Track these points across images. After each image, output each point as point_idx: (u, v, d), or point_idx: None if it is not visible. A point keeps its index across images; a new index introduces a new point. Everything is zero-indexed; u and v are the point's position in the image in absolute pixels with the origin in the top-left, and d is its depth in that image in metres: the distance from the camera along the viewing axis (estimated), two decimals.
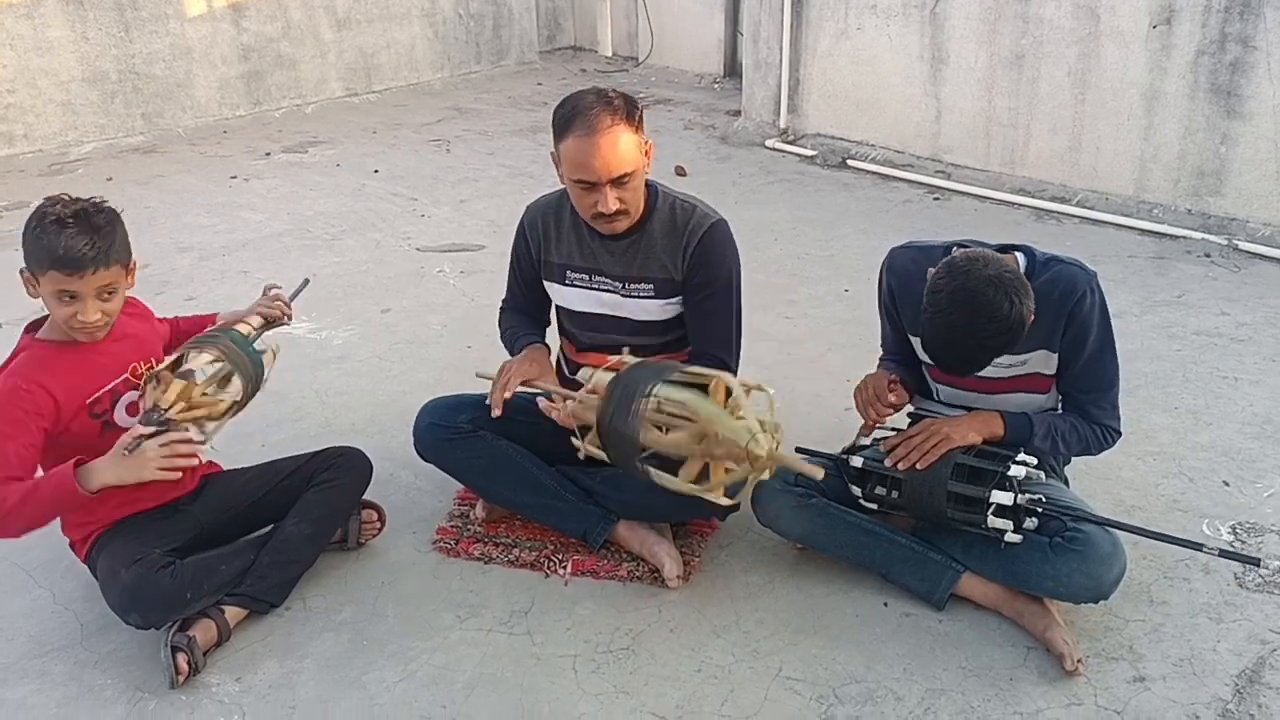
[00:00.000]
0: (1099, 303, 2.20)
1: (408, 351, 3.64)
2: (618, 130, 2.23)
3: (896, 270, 2.38)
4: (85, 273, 2.07)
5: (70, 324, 2.14)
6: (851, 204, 5.09)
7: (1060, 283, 2.18)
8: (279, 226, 4.89)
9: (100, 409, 2.23)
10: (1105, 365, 2.26)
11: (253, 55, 6.73)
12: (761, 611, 2.34)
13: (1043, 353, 2.25)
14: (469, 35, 7.78)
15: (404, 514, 2.69)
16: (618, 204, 2.27)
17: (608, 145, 2.21)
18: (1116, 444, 2.33)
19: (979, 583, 2.29)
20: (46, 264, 2.07)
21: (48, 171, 5.73)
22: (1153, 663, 2.17)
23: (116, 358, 2.27)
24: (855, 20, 5.52)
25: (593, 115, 2.22)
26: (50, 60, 5.96)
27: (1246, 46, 4.22)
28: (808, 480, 2.38)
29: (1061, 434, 2.26)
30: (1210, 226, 4.44)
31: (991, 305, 1.98)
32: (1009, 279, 2.00)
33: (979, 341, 2.03)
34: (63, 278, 2.07)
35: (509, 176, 5.59)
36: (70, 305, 2.11)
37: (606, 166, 2.22)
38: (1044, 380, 2.30)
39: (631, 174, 2.26)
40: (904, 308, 2.38)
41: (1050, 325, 2.20)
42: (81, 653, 2.27)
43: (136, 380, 2.29)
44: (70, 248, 2.06)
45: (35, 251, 2.08)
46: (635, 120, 2.27)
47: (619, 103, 2.27)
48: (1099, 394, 2.28)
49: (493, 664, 2.21)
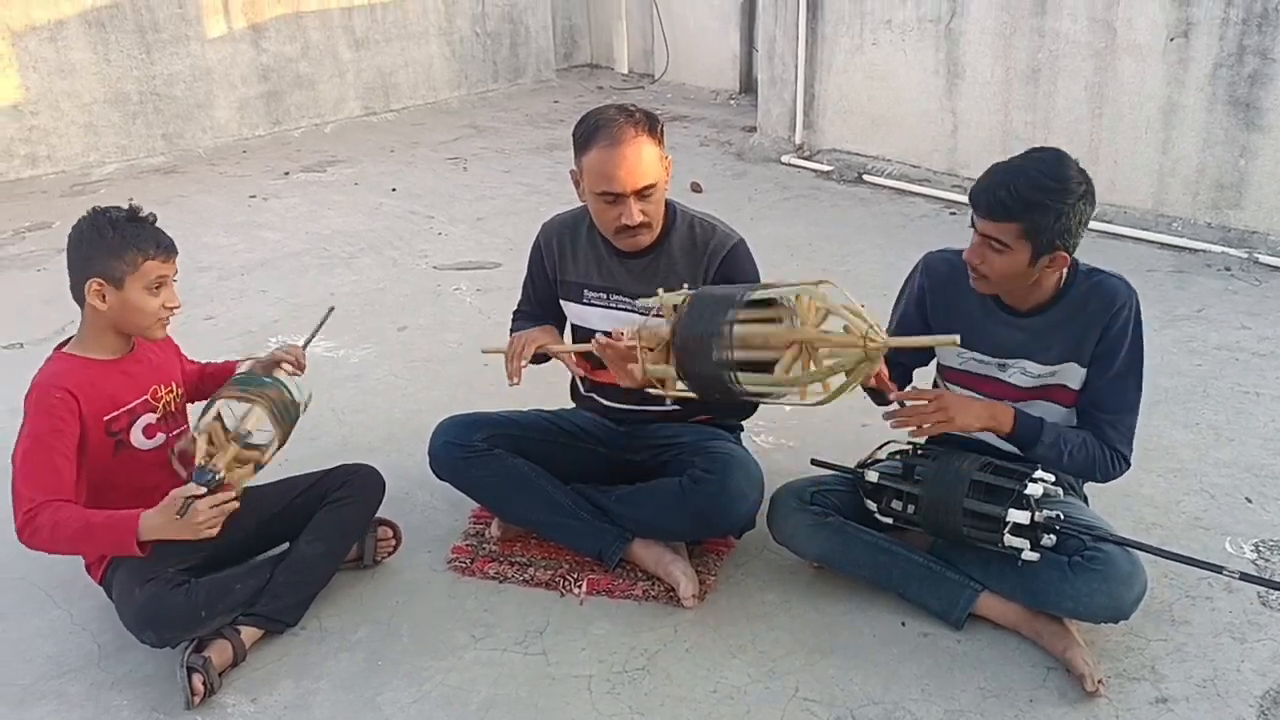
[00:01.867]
0: (1135, 319, 2.18)
1: (424, 369, 3.65)
2: (641, 141, 2.24)
3: (932, 272, 2.36)
4: (174, 256, 2.24)
5: (159, 315, 2.22)
6: (868, 219, 5.07)
7: (1100, 292, 2.17)
8: (297, 245, 4.92)
9: (117, 427, 2.25)
10: (1129, 386, 2.22)
11: (272, 75, 6.79)
12: (778, 631, 2.33)
13: (1073, 365, 2.22)
14: (486, 54, 7.83)
15: (419, 533, 2.69)
16: (642, 216, 2.28)
17: (633, 155, 2.22)
18: (1120, 476, 2.27)
19: (997, 602, 2.26)
20: (145, 255, 2.16)
21: (70, 192, 5.79)
22: (1175, 683, 2.14)
23: (137, 378, 2.30)
24: (870, 35, 5.52)
25: (616, 127, 2.24)
26: (73, 82, 6.04)
27: (1265, 59, 4.19)
28: (824, 499, 2.38)
29: (1070, 446, 2.20)
30: (1230, 240, 4.40)
31: (1067, 165, 2.06)
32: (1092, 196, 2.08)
33: (1031, 179, 2.03)
34: (160, 264, 2.19)
35: (526, 194, 5.61)
36: (159, 295, 2.21)
37: (632, 177, 2.23)
38: (1069, 394, 2.26)
39: (654, 186, 2.28)
40: (933, 311, 2.35)
41: (1082, 335, 2.18)
42: (98, 674, 2.28)
43: (155, 402, 2.31)
44: (159, 236, 2.21)
45: (122, 250, 2.15)
46: (657, 133, 2.29)
47: (640, 116, 2.29)
48: (1117, 416, 2.23)
49: (507, 684, 2.21)
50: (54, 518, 2.08)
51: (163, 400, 2.34)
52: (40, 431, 2.13)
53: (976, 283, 2.19)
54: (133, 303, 2.19)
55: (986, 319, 2.27)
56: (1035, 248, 2.07)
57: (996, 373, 2.28)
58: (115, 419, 2.24)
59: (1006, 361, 2.27)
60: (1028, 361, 2.25)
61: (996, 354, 2.28)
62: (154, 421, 2.31)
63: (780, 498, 2.42)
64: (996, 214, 2.07)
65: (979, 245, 2.14)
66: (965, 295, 2.27)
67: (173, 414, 2.37)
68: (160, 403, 2.33)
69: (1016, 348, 2.25)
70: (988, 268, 2.13)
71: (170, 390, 2.37)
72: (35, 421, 2.15)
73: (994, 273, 2.13)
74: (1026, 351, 2.25)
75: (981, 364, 2.30)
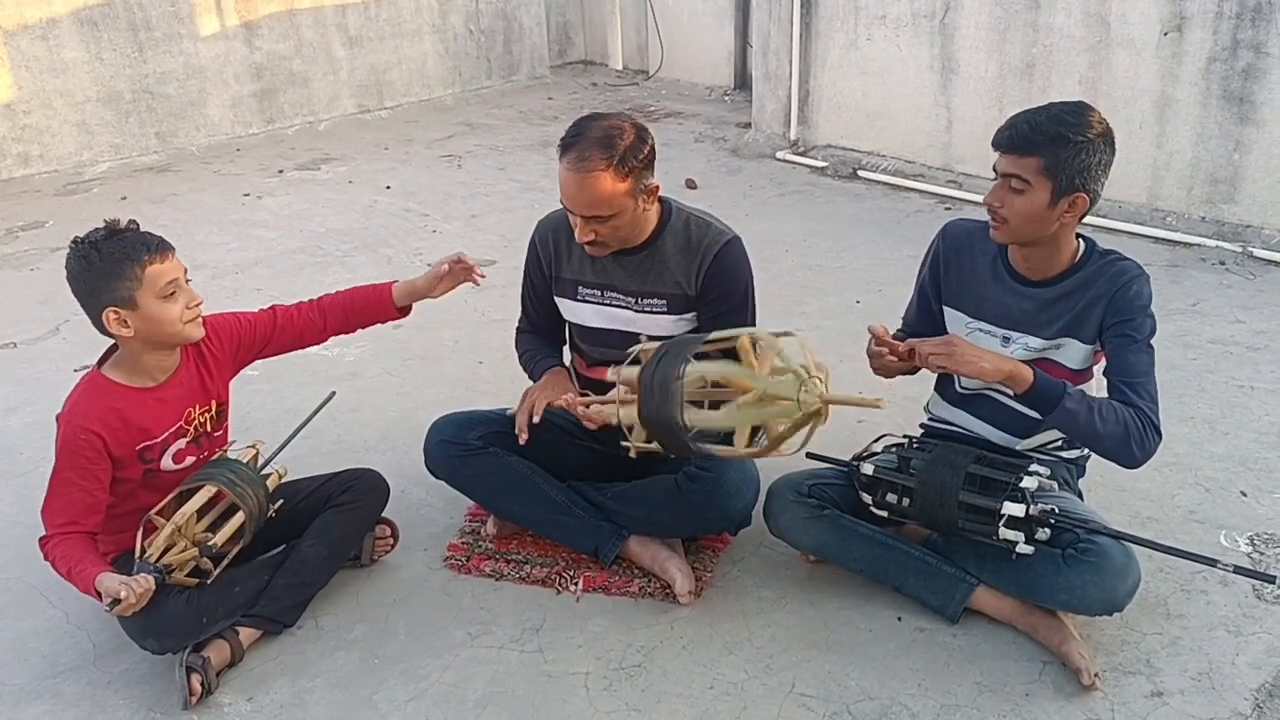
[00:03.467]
0: (1145, 294, 2.14)
1: (419, 368, 3.65)
2: (599, 175, 2.21)
3: (949, 237, 2.36)
4: (170, 253, 2.14)
5: (185, 317, 2.16)
6: (863, 215, 5.08)
7: (1110, 270, 2.15)
8: (292, 244, 4.91)
9: (150, 456, 2.23)
10: (1143, 353, 2.14)
11: (265, 73, 6.77)
12: (774, 627, 2.33)
13: (1072, 342, 2.19)
14: (480, 51, 7.81)
15: (415, 531, 2.69)
16: (591, 235, 2.29)
17: (588, 187, 2.22)
18: (1154, 451, 2.11)
19: (993, 596, 2.27)
20: (140, 264, 2.08)
21: (63, 191, 5.77)
22: (1170, 677, 2.15)
23: (172, 404, 2.26)
24: (864, 31, 5.52)
25: (586, 149, 2.22)
26: (65, 81, 6.02)
27: (1259, 53, 4.19)
28: (821, 492, 2.38)
29: (1098, 405, 2.08)
30: (1224, 234, 4.41)
31: (1088, 109, 2.08)
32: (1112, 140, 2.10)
33: (1053, 115, 2.06)
34: (160, 268, 2.10)
35: (520, 191, 5.60)
36: (178, 298, 2.14)
37: (580, 205, 2.25)
38: (1062, 371, 2.21)
39: (608, 216, 2.27)
40: (946, 277, 2.34)
41: (1086, 309, 2.16)
42: (94, 673, 2.28)
43: (187, 426, 2.28)
44: (146, 239, 2.11)
45: (116, 268, 2.07)
46: (628, 168, 2.23)
47: (621, 145, 2.22)
48: (1141, 381, 2.12)
49: (504, 682, 2.21)
50: (54, 553, 2.14)
51: (195, 421, 2.30)
52: (67, 470, 2.14)
53: (996, 230, 2.17)
54: (154, 316, 2.12)
55: (998, 286, 2.26)
56: (1055, 186, 2.05)
57: (999, 346, 2.25)
58: (149, 448, 2.23)
59: (1011, 334, 2.25)
60: (1030, 337, 2.23)
61: (1002, 324, 2.26)
62: (184, 446, 2.29)
63: (777, 490, 2.42)
64: (1019, 147, 2.07)
65: (999, 187, 2.13)
66: (980, 261, 2.27)
67: (205, 434, 2.34)
68: (193, 425, 2.30)
69: (1022, 318, 2.23)
70: (1008, 210, 2.11)
71: (206, 409, 2.33)
72: (64, 459, 2.15)
73: (1014, 214, 2.11)
74: (1031, 325, 2.22)
75: (988, 335, 2.28)
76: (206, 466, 2.31)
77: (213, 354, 2.35)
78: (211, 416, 2.35)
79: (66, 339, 3.93)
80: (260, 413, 3.28)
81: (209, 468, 2.30)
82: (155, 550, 2.13)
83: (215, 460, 2.33)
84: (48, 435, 2.25)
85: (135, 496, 2.25)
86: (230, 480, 2.25)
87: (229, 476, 2.26)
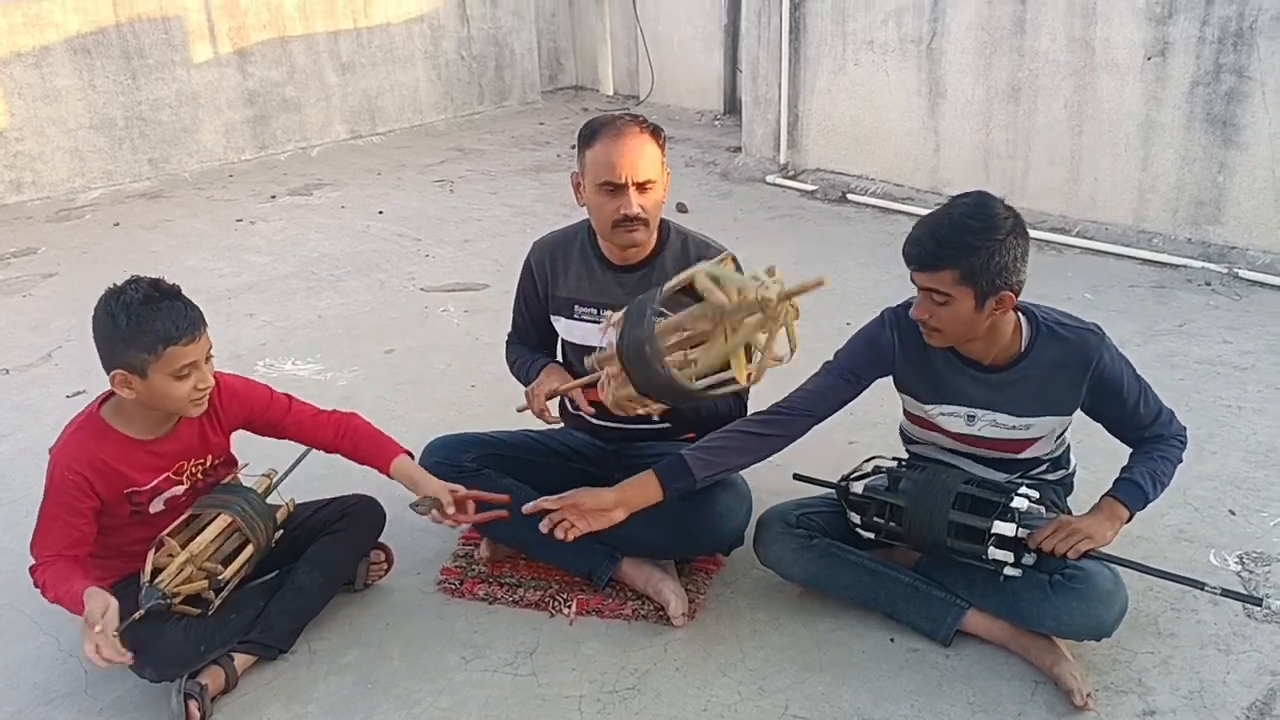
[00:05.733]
0: (1116, 354, 2.20)
1: (412, 391, 3.66)
2: (644, 138, 2.32)
3: (901, 331, 2.29)
4: (199, 335, 2.08)
5: (191, 397, 2.12)
6: (852, 238, 5.11)
7: (1074, 351, 2.16)
8: (285, 269, 4.92)
9: (138, 500, 2.22)
10: (1148, 398, 2.25)
11: (258, 100, 6.81)
12: (767, 649, 2.33)
13: (1050, 419, 2.23)
14: (471, 76, 7.87)
15: (409, 554, 2.69)
16: (640, 209, 2.31)
17: (635, 148, 2.29)
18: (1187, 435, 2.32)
19: (984, 619, 2.27)
20: (162, 344, 2.03)
21: (55, 218, 5.79)
22: (1162, 696, 2.15)
23: (166, 458, 2.24)
24: (853, 56, 5.58)
25: (622, 123, 2.32)
26: (58, 108, 6.05)
27: (1241, 77, 4.25)
28: (809, 521, 2.39)
29: (1160, 475, 2.22)
30: (1210, 255, 4.45)
31: (991, 204, 2.06)
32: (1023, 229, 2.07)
33: (955, 223, 2.03)
34: (182, 350, 2.05)
35: (512, 216, 5.63)
36: (189, 379, 2.09)
37: (633, 168, 2.29)
38: (1034, 444, 2.29)
39: (654, 183, 2.33)
40: (904, 369, 2.31)
41: (1064, 389, 2.19)
42: (85, 700, 2.27)
43: (178, 477, 2.27)
44: (178, 318, 2.05)
45: (139, 341, 2.03)
46: (660, 139, 2.36)
47: (644, 121, 2.37)
48: (1158, 424, 2.26)
49: (498, 706, 2.20)
50: (43, 578, 2.14)
51: (187, 472, 2.28)
52: (55, 506, 2.15)
53: (930, 337, 2.18)
54: (159, 390, 2.09)
55: (954, 373, 2.25)
56: (977, 292, 2.04)
57: (964, 426, 2.28)
58: (136, 493, 2.22)
59: (975, 412, 2.26)
60: (999, 414, 2.24)
61: (963, 403, 2.27)
62: (179, 493, 2.28)
63: (765, 521, 2.43)
64: (929, 264, 2.06)
65: (923, 300, 2.12)
66: (933, 353, 2.25)
67: (199, 488, 2.32)
68: (184, 474, 2.28)
69: (986, 398, 2.24)
70: (936, 320, 2.11)
71: (202, 462, 2.30)
72: (52, 496, 2.15)
73: (944, 324, 2.11)
74: (997, 403, 2.23)
75: (950, 416, 2.29)
76: (220, 491, 2.31)
77: (223, 415, 2.32)
78: (205, 468, 2.33)
79: (59, 365, 3.93)
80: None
81: (224, 493, 2.29)
82: (168, 578, 2.13)
83: (230, 486, 2.33)
84: (39, 462, 2.24)
85: (124, 531, 2.24)
86: (244, 512, 2.25)
87: (244, 509, 2.26)
